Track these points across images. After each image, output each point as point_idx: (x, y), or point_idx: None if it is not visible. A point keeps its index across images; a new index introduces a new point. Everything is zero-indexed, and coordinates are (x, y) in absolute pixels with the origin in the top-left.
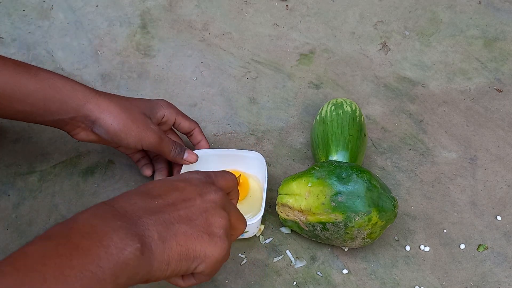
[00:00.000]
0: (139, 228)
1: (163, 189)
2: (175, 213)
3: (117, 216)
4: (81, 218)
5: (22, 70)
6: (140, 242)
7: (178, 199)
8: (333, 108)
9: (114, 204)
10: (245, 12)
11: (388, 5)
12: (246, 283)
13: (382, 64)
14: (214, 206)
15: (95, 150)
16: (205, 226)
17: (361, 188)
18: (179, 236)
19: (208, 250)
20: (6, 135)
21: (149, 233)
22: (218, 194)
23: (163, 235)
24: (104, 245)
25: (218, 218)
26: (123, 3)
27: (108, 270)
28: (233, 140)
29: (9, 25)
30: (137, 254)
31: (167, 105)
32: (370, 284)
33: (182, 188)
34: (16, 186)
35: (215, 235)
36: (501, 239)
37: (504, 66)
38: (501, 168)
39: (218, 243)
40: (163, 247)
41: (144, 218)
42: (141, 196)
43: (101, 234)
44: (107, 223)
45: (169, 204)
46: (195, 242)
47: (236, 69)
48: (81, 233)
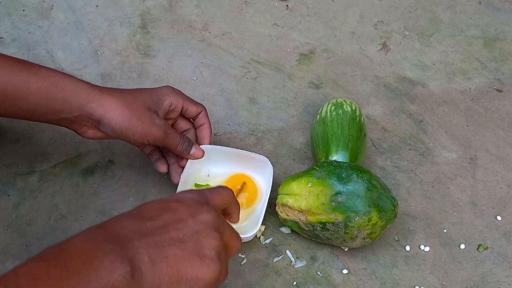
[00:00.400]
0: (130, 251)
1: (155, 211)
2: (166, 235)
3: (108, 239)
4: (73, 241)
5: (24, 68)
6: (130, 265)
7: (170, 220)
8: (333, 108)
9: (106, 227)
10: (245, 12)
11: (388, 5)
12: (246, 283)
13: (382, 64)
14: (207, 227)
15: (95, 150)
16: (196, 248)
17: (361, 188)
18: (170, 258)
19: (199, 273)
20: (6, 135)
21: (139, 256)
22: (210, 214)
23: (153, 258)
24: (95, 268)
25: (210, 240)
26: (123, 3)
27: None
28: (233, 140)
29: (9, 25)
30: (126, 277)
31: (173, 92)
32: (370, 284)
33: (174, 209)
34: (16, 186)
35: (206, 257)
36: (501, 239)
37: (504, 66)
38: (501, 168)
39: (210, 266)
40: (153, 270)
41: (135, 241)
42: (133, 218)
43: (92, 257)
44: (98, 246)
45: (161, 226)
46: (186, 264)
47: (236, 69)
48: (72, 255)
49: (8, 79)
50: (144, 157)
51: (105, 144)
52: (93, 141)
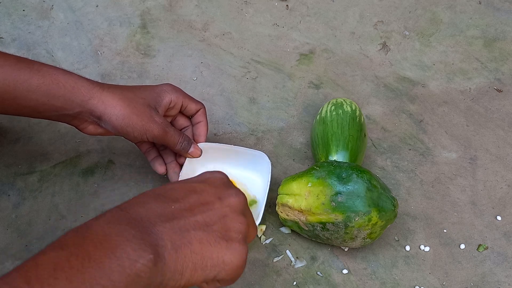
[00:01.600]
0: (153, 237)
1: (181, 192)
2: (191, 218)
3: (131, 224)
4: (95, 226)
5: (24, 66)
6: (153, 253)
7: (196, 203)
8: (333, 108)
9: (129, 209)
10: (245, 12)
11: (388, 5)
12: (246, 283)
13: (382, 64)
14: (234, 211)
15: (95, 150)
16: (222, 232)
17: (361, 188)
18: (194, 244)
19: (226, 257)
20: (6, 135)
21: (162, 243)
22: (238, 198)
23: (176, 244)
24: (117, 257)
25: (237, 224)
26: (123, 3)
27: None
28: (233, 140)
29: (9, 25)
30: (149, 266)
31: (173, 89)
32: (370, 284)
33: (201, 191)
34: (16, 186)
35: (233, 241)
36: (501, 239)
37: (504, 66)
38: (501, 168)
39: (237, 249)
40: (176, 256)
41: (159, 226)
42: (158, 199)
43: (115, 244)
44: (121, 232)
45: (186, 209)
46: (212, 249)
47: (236, 69)
48: (94, 242)
49: (9, 78)
50: (144, 157)
51: (105, 144)
52: (93, 141)
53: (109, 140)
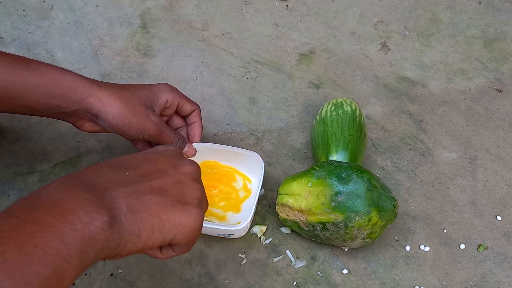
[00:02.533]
0: (107, 200)
1: (135, 161)
2: (147, 183)
3: (83, 188)
4: (44, 193)
5: (22, 66)
6: (108, 215)
7: (151, 170)
8: (333, 108)
9: (81, 176)
10: (245, 12)
11: (388, 5)
12: (246, 283)
13: (382, 64)
14: (188, 177)
15: (95, 150)
16: (178, 197)
17: (361, 188)
18: (151, 207)
19: (183, 220)
20: (6, 135)
21: (118, 205)
22: (192, 166)
23: (133, 207)
24: (69, 221)
25: (192, 189)
26: (123, 3)
27: (73, 246)
28: (233, 140)
29: (9, 25)
30: (104, 228)
31: (170, 89)
32: (370, 284)
33: (155, 160)
34: (16, 186)
35: (189, 204)
36: (501, 239)
37: (504, 66)
38: (501, 168)
39: (193, 212)
40: (133, 219)
41: (113, 190)
42: (111, 167)
43: (66, 208)
44: (72, 197)
45: (141, 175)
46: (168, 212)
47: (236, 69)
48: (44, 208)
49: (7, 77)
50: None
51: (105, 144)
52: (93, 141)
53: (109, 140)
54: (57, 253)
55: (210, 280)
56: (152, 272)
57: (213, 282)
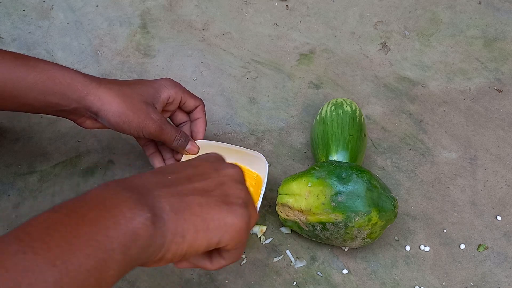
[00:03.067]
0: (150, 199)
1: (177, 167)
2: (189, 185)
3: (127, 189)
4: (89, 193)
5: (20, 63)
6: (150, 212)
7: (193, 174)
8: (333, 108)
9: (125, 180)
10: (245, 12)
11: (388, 5)
12: (246, 283)
13: (382, 64)
14: (231, 179)
15: (95, 150)
16: (222, 197)
17: (361, 188)
18: (194, 207)
19: (228, 219)
20: (6, 135)
21: (160, 205)
22: (235, 169)
23: (175, 206)
24: (113, 215)
25: (236, 190)
26: (123, 3)
27: (116, 239)
28: (233, 140)
29: (9, 25)
30: (147, 224)
31: (172, 84)
32: (370, 284)
33: (197, 165)
34: (16, 186)
35: (234, 204)
36: (501, 239)
37: (504, 66)
38: (501, 168)
39: (239, 211)
40: (176, 218)
41: (156, 191)
42: (154, 173)
43: (109, 205)
44: (116, 196)
45: (183, 178)
46: (212, 212)
47: (236, 69)
48: (88, 205)
49: (6, 75)
50: (144, 157)
51: (105, 144)
52: (93, 141)
53: (109, 140)
54: (100, 245)
55: (210, 280)
56: (152, 272)
57: (213, 282)
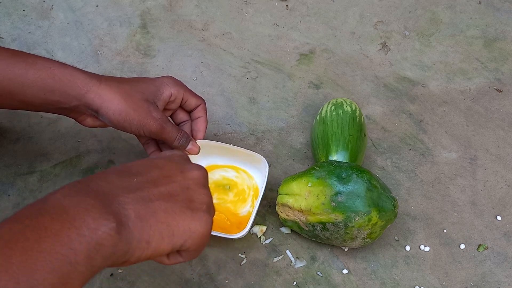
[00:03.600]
0: (115, 207)
1: (142, 167)
2: (154, 189)
3: (91, 195)
4: (51, 199)
5: (20, 60)
6: (115, 221)
7: (159, 176)
8: (333, 108)
9: (89, 182)
10: (245, 12)
11: (388, 5)
12: (246, 283)
13: (382, 64)
14: (196, 183)
15: (95, 150)
16: (187, 202)
17: (361, 188)
18: (159, 213)
19: (192, 225)
20: (6, 135)
21: (125, 212)
22: (200, 171)
23: (141, 213)
24: (76, 226)
25: (200, 195)
26: (123, 3)
27: (80, 252)
28: (233, 140)
29: (9, 25)
30: (112, 234)
31: (174, 83)
32: (370, 284)
33: (162, 166)
34: (16, 186)
35: (198, 210)
36: (501, 239)
37: (504, 66)
38: (501, 168)
39: (203, 218)
40: (141, 226)
41: (121, 197)
42: (119, 174)
43: (73, 214)
44: (79, 203)
45: (149, 181)
46: (178, 218)
47: (236, 69)
48: (51, 214)
49: (5, 72)
50: (144, 157)
51: (105, 144)
52: (93, 141)
53: (109, 140)
54: (64, 258)
55: (210, 280)
56: (152, 272)
57: (213, 282)
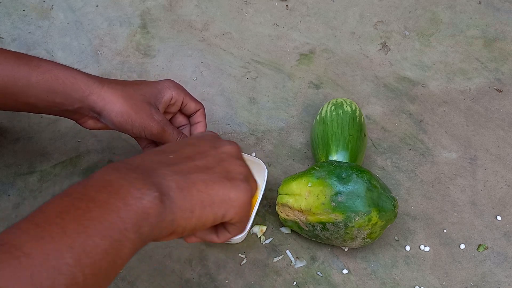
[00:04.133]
0: (156, 178)
1: (176, 146)
2: (191, 163)
3: (132, 169)
4: (95, 176)
5: (23, 63)
6: (158, 191)
7: (193, 152)
8: (333, 108)
9: (128, 161)
10: (245, 12)
11: (388, 5)
12: (246, 283)
13: (382, 64)
14: (231, 156)
15: (95, 150)
16: (224, 173)
17: (361, 188)
18: (198, 184)
19: (232, 194)
20: (6, 135)
21: (166, 183)
22: (233, 146)
23: (181, 184)
24: (122, 197)
25: (236, 166)
26: (123, 3)
27: (128, 219)
28: (233, 140)
29: (9, 25)
30: (156, 203)
31: (174, 86)
32: (370, 284)
33: (195, 143)
34: (16, 186)
35: (236, 179)
36: (501, 239)
37: (504, 66)
38: (501, 168)
39: (241, 186)
40: (183, 195)
41: (160, 170)
42: (155, 153)
43: (117, 186)
44: (122, 177)
45: (184, 157)
46: (216, 187)
47: (236, 69)
48: (96, 188)
49: (9, 74)
50: None
51: (105, 144)
52: (93, 141)
53: (109, 140)
54: (114, 226)
55: (210, 280)
56: (152, 272)
57: (213, 282)
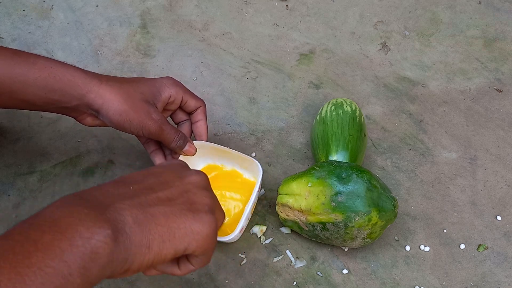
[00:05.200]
0: (111, 214)
1: (138, 176)
2: (152, 195)
3: (84, 205)
4: (43, 213)
5: (20, 60)
6: (110, 228)
7: (156, 183)
8: (333, 108)
9: (83, 194)
10: (245, 12)
11: (388, 5)
12: (246, 283)
13: (382, 64)
14: (196, 186)
15: (95, 150)
16: (187, 205)
17: (361, 188)
18: (158, 217)
19: (194, 227)
20: (6, 135)
21: (121, 218)
22: (200, 176)
23: (139, 218)
24: (68, 237)
25: (201, 197)
26: (123, 3)
27: (74, 263)
28: (233, 140)
29: (9, 25)
30: (107, 241)
31: (173, 84)
32: (370, 284)
33: (160, 173)
34: (16, 186)
35: (200, 211)
36: (501, 239)
37: (504, 66)
38: (501, 168)
39: (205, 218)
40: (140, 230)
41: (117, 204)
42: (114, 184)
43: (64, 225)
44: (71, 214)
45: (146, 188)
46: (178, 220)
47: (236, 69)
48: (42, 228)
49: (5, 72)
50: (144, 157)
51: (105, 144)
52: (93, 141)
53: (109, 140)
54: (56, 272)
55: (210, 280)
56: None
57: (213, 282)
